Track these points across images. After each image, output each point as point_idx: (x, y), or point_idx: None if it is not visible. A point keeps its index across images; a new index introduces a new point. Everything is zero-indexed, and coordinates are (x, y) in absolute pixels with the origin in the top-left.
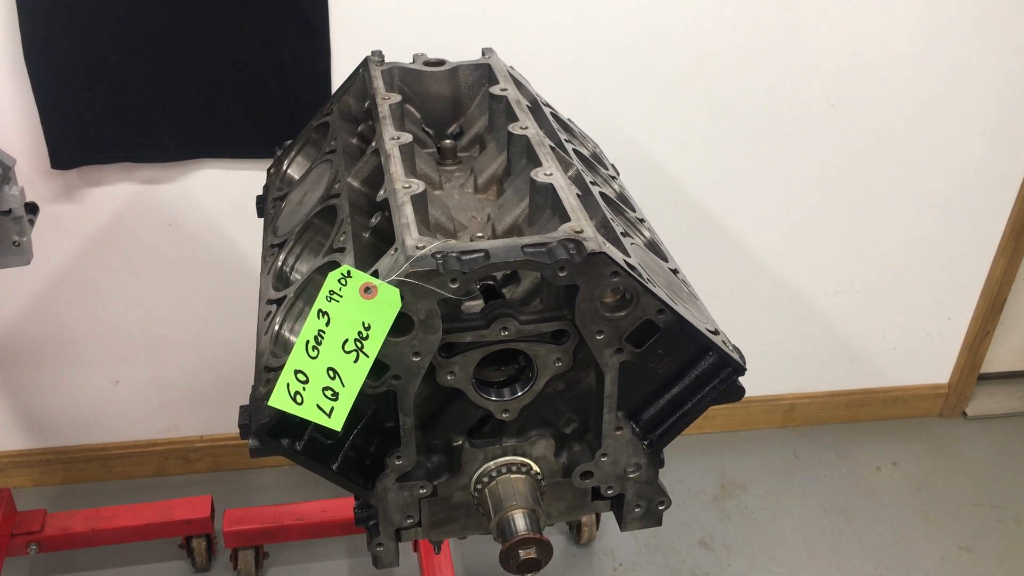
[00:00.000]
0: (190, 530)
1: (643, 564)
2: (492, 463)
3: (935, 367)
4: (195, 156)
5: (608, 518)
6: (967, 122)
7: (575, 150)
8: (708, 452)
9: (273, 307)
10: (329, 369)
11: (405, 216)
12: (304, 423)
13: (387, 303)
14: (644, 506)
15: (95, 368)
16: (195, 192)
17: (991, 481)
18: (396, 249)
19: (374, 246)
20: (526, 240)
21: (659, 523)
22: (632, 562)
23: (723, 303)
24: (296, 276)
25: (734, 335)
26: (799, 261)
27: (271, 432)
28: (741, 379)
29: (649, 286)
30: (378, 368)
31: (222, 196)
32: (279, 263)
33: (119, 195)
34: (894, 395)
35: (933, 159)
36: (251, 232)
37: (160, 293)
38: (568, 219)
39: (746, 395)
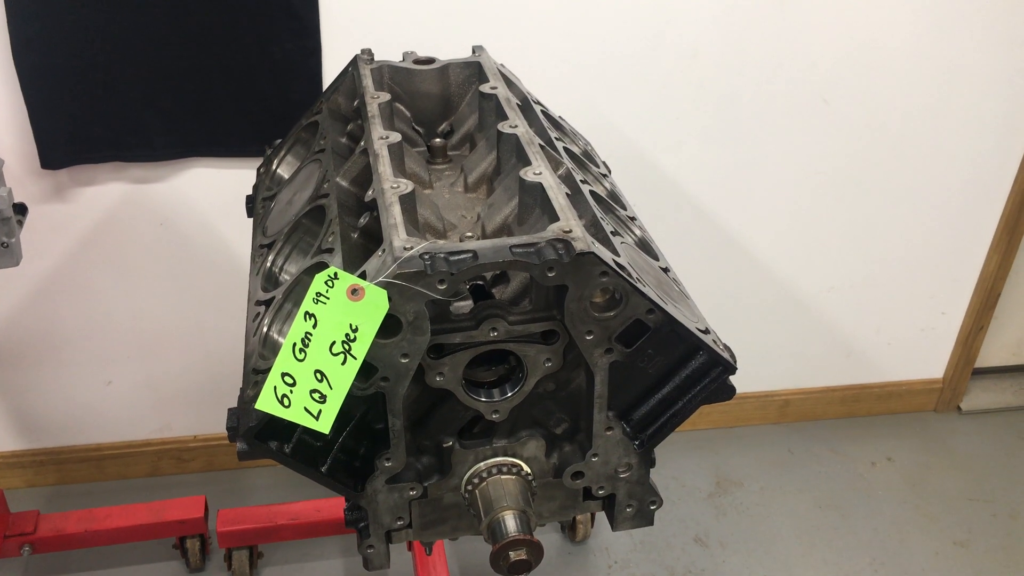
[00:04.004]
0: (184, 530)
1: (638, 561)
2: (482, 464)
3: (930, 362)
4: (186, 155)
5: (603, 515)
6: (961, 118)
7: (565, 148)
8: (703, 448)
9: (261, 308)
10: (316, 372)
11: (393, 216)
12: (293, 426)
13: (374, 305)
14: (635, 506)
15: (87, 368)
16: (186, 191)
17: (985, 476)
18: (384, 250)
19: (363, 246)
20: (514, 240)
21: (651, 523)
22: (627, 559)
23: (718, 300)
24: (285, 277)
25: (728, 332)
26: (793, 257)
27: (259, 435)
28: (734, 377)
29: (638, 285)
30: (366, 370)
31: (213, 195)
32: (268, 264)
33: (110, 195)
34: (889, 390)
35: (927, 155)
36: (243, 231)
37: (152, 292)
38: (557, 218)
39: (741, 391)
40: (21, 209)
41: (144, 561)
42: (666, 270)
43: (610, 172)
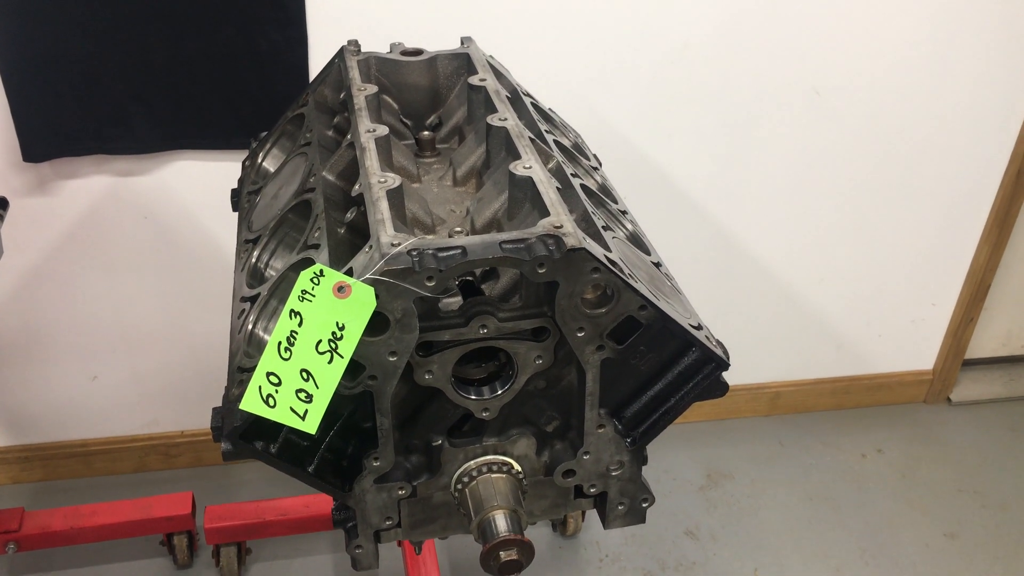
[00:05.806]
0: (171, 527)
1: (629, 555)
2: (472, 463)
3: (920, 354)
4: (170, 147)
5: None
6: (951, 110)
7: (556, 141)
8: (693, 441)
9: (247, 305)
10: (302, 371)
11: (380, 212)
12: (279, 425)
13: (362, 302)
14: (627, 504)
15: (72, 363)
16: (171, 184)
17: (976, 467)
18: (371, 246)
19: (350, 242)
20: (504, 236)
21: (643, 520)
22: (618, 553)
23: (708, 292)
24: (271, 273)
25: (719, 324)
26: (784, 249)
27: (244, 435)
28: (726, 372)
29: (630, 282)
30: (353, 369)
31: (198, 188)
32: (253, 259)
33: (93, 188)
34: (879, 382)
35: (918, 146)
36: (228, 224)
37: (137, 286)
38: (547, 213)
39: (732, 383)
40: (2, 203)
41: (131, 558)
42: (658, 264)
43: (601, 165)
